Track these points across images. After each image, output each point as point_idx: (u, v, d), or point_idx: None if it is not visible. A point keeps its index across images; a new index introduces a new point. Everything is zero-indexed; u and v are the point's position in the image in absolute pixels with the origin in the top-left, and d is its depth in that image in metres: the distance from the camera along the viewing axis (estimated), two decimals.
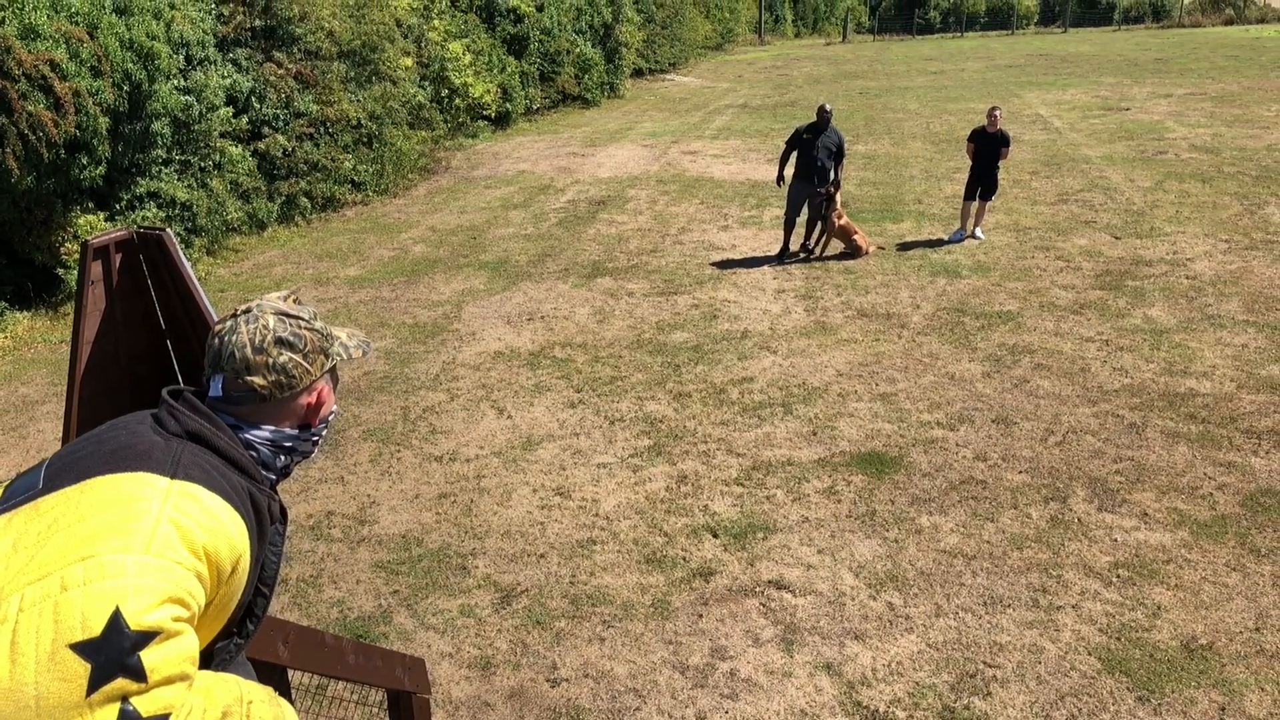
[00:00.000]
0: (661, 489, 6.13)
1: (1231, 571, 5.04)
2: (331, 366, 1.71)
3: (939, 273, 10.12)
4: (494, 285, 10.47)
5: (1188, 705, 4.18)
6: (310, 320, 1.67)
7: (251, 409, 1.60)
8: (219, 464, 1.50)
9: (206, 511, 1.40)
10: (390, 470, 6.54)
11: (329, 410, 1.73)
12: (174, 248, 6.72)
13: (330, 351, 1.70)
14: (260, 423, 1.61)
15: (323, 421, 1.72)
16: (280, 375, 1.60)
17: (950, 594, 4.98)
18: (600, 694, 4.41)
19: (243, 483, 1.51)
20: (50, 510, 1.37)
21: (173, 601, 1.29)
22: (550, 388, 7.73)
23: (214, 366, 1.60)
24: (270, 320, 1.62)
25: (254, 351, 1.58)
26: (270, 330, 1.61)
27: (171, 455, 1.46)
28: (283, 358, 1.60)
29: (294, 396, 1.63)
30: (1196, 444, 6.33)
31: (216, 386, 1.60)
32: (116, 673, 1.21)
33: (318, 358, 1.66)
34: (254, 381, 1.58)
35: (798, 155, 10.40)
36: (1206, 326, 8.28)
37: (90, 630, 1.21)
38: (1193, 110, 19.29)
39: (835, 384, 7.53)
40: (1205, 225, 11.25)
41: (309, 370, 1.64)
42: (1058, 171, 14.47)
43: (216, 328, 1.64)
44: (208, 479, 1.45)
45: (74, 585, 1.25)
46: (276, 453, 1.63)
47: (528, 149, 18.93)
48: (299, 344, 1.62)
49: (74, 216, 10.16)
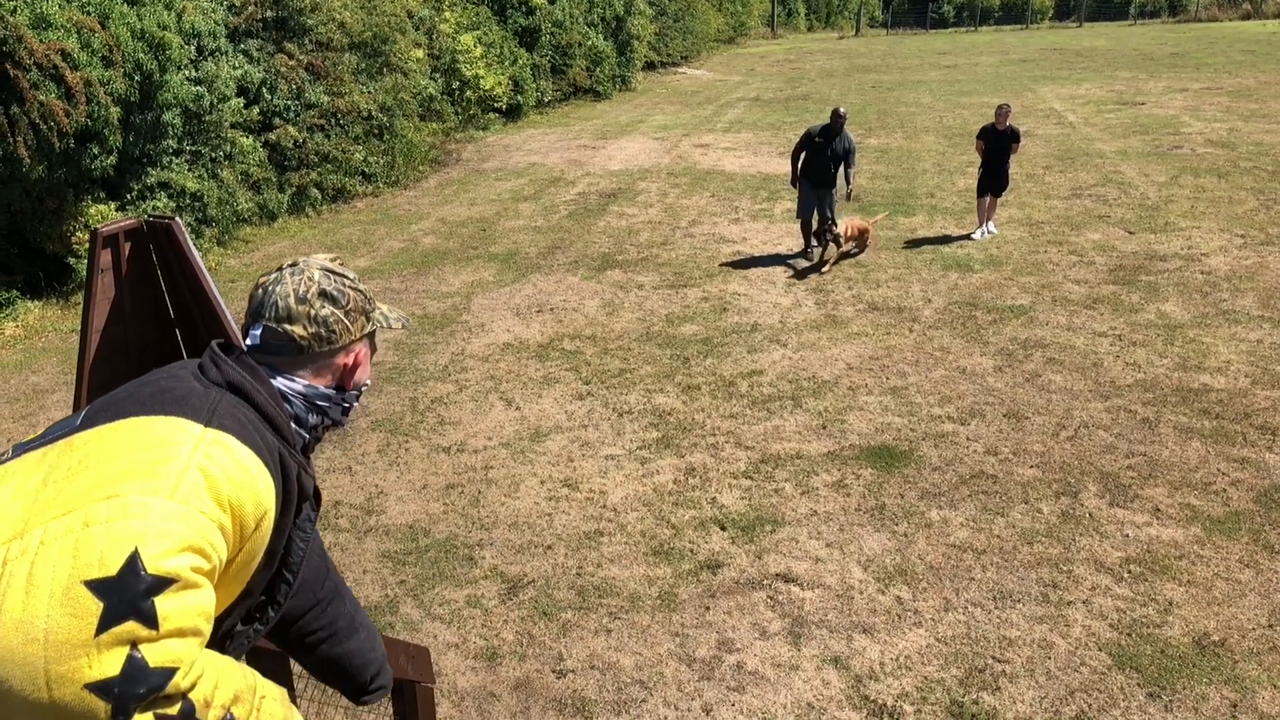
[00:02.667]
0: (669, 481, 6.11)
1: (1244, 568, 4.99)
2: (371, 331, 1.72)
3: (950, 266, 10.06)
4: (503, 277, 10.46)
5: (1199, 702, 4.14)
6: (355, 282, 1.68)
7: (288, 360, 1.60)
8: (255, 419, 1.49)
9: (236, 462, 1.38)
10: (398, 461, 6.53)
11: (364, 377, 1.73)
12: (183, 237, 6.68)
13: (371, 315, 1.70)
14: (295, 375, 1.61)
15: (356, 388, 1.71)
16: (320, 328, 1.60)
17: (959, 588, 4.94)
18: (606, 686, 4.40)
19: (276, 442, 1.50)
20: (83, 446, 1.37)
21: (193, 551, 1.27)
22: (559, 379, 7.71)
23: (254, 316, 1.61)
24: (316, 274, 1.63)
25: (297, 301, 1.59)
26: (315, 282, 1.61)
27: (209, 403, 1.45)
28: (325, 310, 1.60)
29: (332, 353, 1.64)
30: (1210, 440, 6.27)
31: (255, 335, 1.60)
32: (129, 615, 1.19)
33: (359, 318, 1.66)
34: (294, 331, 1.58)
35: (808, 157, 10.29)
36: (1221, 322, 8.20)
37: (107, 568, 1.20)
38: (1209, 105, 19.14)
39: (845, 377, 7.49)
40: (1221, 220, 11.15)
41: (349, 328, 1.64)
42: (1071, 166, 14.37)
43: (261, 279, 1.65)
44: (241, 430, 1.43)
45: (96, 522, 1.23)
46: (309, 409, 1.63)
47: (538, 141, 18.90)
48: (342, 299, 1.63)
49: (85, 206, 10.18)
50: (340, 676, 1.98)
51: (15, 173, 9.25)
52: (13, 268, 10.13)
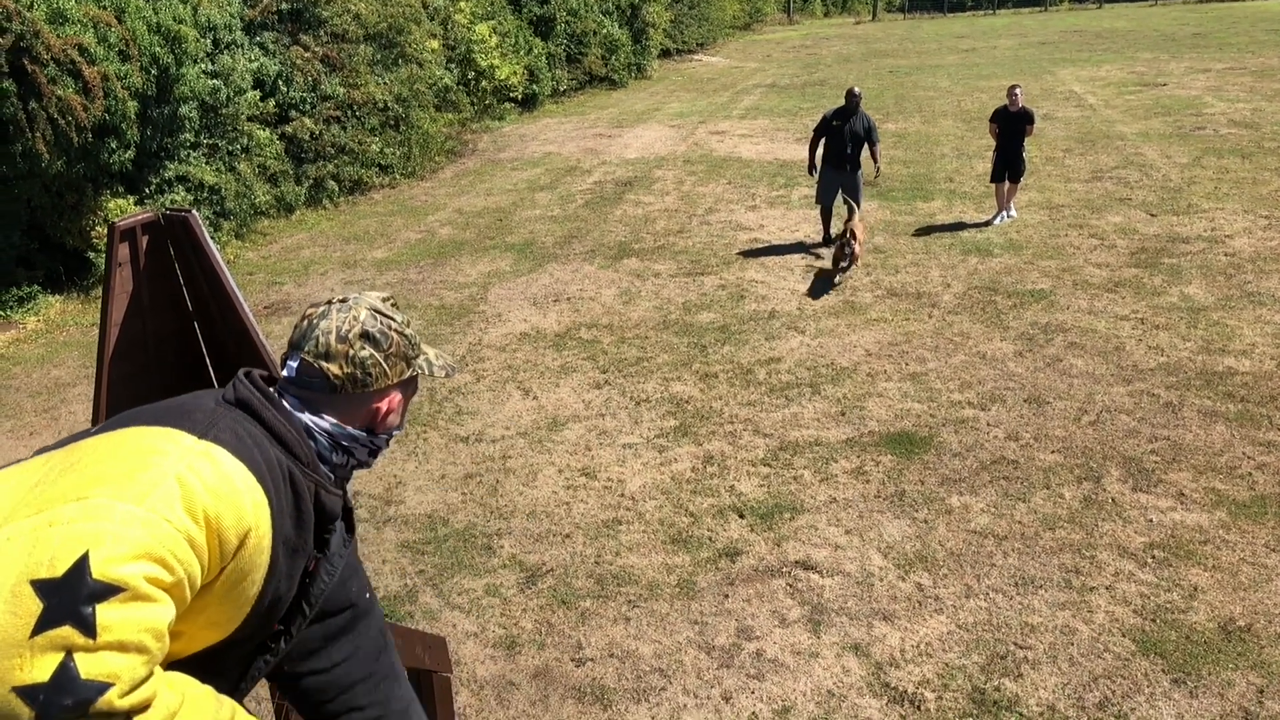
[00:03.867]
0: (687, 469, 6.09)
1: (1271, 552, 4.93)
2: (410, 378, 1.68)
3: (970, 251, 9.97)
4: (520, 267, 10.45)
5: (1225, 688, 4.09)
6: (402, 326, 1.64)
7: (320, 397, 1.57)
8: (260, 435, 1.45)
9: (220, 475, 1.34)
10: (417, 451, 6.54)
11: (395, 422, 1.69)
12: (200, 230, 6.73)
13: (413, 361, 1.66)
14: (324, 413, 1.58)
15: (387, 432, 1.67)
16: (357, 369, 1.57)
17: (981, 575, 4.90)
18: (625, 674, 4.39)
19: (284, 459, 1.46)
20: (80, 451, 1.35)
21: (151, 560, 1.22)
22: (576, 369, 7.70)
23: (295, 347, 1.58)
24: (363, 314, 1.60)
25: (338, 339, 1.56)
26: (359, 322, 1.58)
27: (211, 418, 1.43)
28: (364, 352, 1.57)
29: (365, 397, 1.60)
30: (1235, 423, 6.19)
31: (292, 368, 1.58)
32: (65, 619, 1.15)
33: (399, 363, 1.62)
34: (329, 369, 1.55)
35: (826, 141, 10.22)
36: (1245, 304, 8.10)
37: (54, 569, 1.16)
38: (1232, 85, 18.88)
39: (864, 364, 7.44)
40: (1244, 201, 11.00)
41: (386, 373, 1.60)
42: (1092, 148, 14.21)
43: (309, 310, 1.63)
44: (237, 444, 1.40)
45: (59, 523, 1.20)
46: (334, 448, 1.59)
47: (554, 130, 18.87)
48: (384, 343, 1.60)
49: (104, 200, 10.23)
50: None
51: (34, 168, 9.30)
52: (34, 262, 10.20)
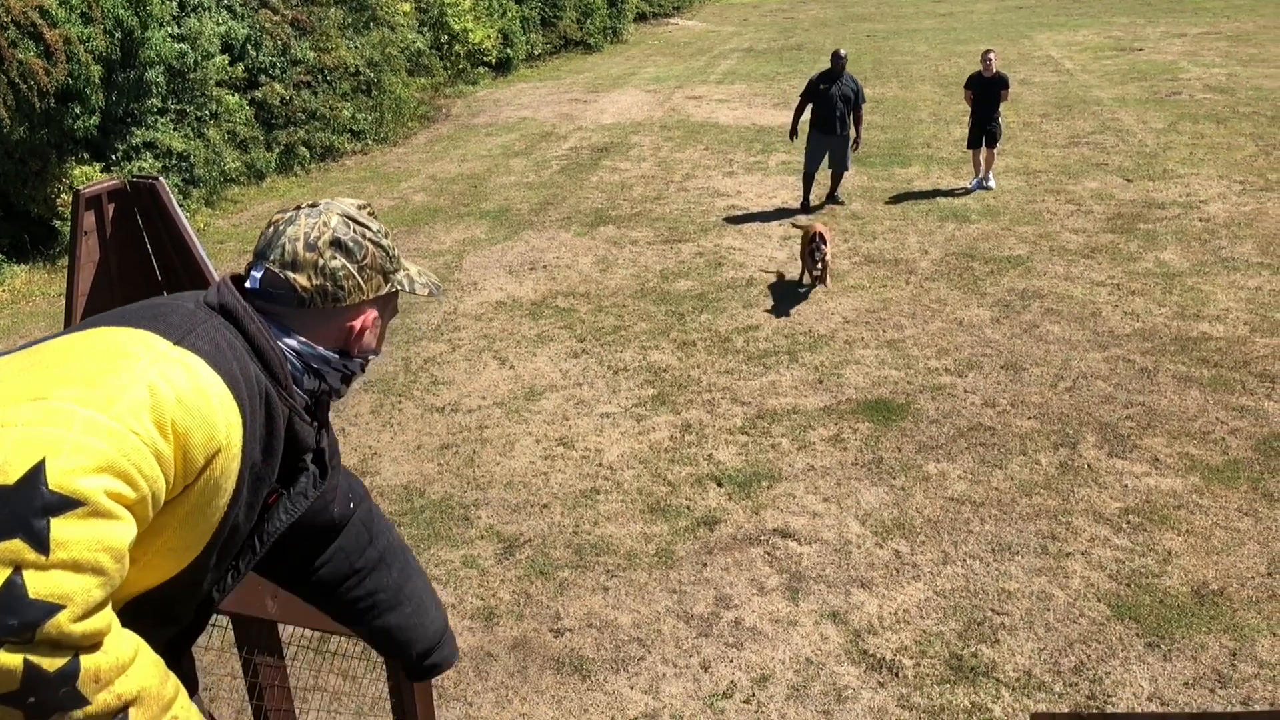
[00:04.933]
0: (665, 438, 6.07)
1: (1243, 516, 4.97)
2: (388, 294, 1.53)
3: (947, 217, 9.95)
4: (495, 234, 10.34)
5: (1198, 651, 4.13)
6: (378, 236, 1.48)
7: (287, 312, 1.42)
8: (240, 346, 1.33)
9: (194, 387, 1.22)
10: (391, 421, 6.48)
11: (372, 344, 1.54)
12: (168, 197, 6.52)
13: (391, 276, 1.51)
14: (293, 330, 1.43)
15: (362, 355, 1.52)
16: (327, 281, 1.42)
17: (958, 541, 4.92)
18: (604, 644, 4.38)
19: (264, 379, 1.34)
20: (43, 350, 1.24)
21: (115, 474, 1.11)
22: (553, 338, 7.64)
23: (259, 256, 1.43)
24: (334, 219, 1.44)
25: (305, 247, 1.41)
26: (330, 229, 1.43)
27: (190, 322, 1.30)
28: (335, 262, 1.42)
29: (337, 312, 1.45)
30: (1209, 388, 6.23)
31: (255, 279, 1.42)
32: (16, 531, 1.05)
33: (374, 276, 1.47)
34: (297, 280, 1.40)
35: (814, 106, 10.13)
36: (1220, 269, 8.13)
37: (5, 475, 1.06)
38: (1207, 50, 18.89)
39: (842, 331, 7.43)
40: (1219, 167, 11.03)
41: (361, 286, 1.45)
42: (1068, 114, 14.20)
43: (275, 216, 1.48)
44: (216, 355, 1.28)
45: (13, 424, 1.10)
46: (303, 370, 1.45)
47: (529, 95, 18.64)
48: (357, 252, 1.44)
49: (69, 167, 10.02)
50: (388, 651, 1.88)
51: None
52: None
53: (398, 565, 1.81)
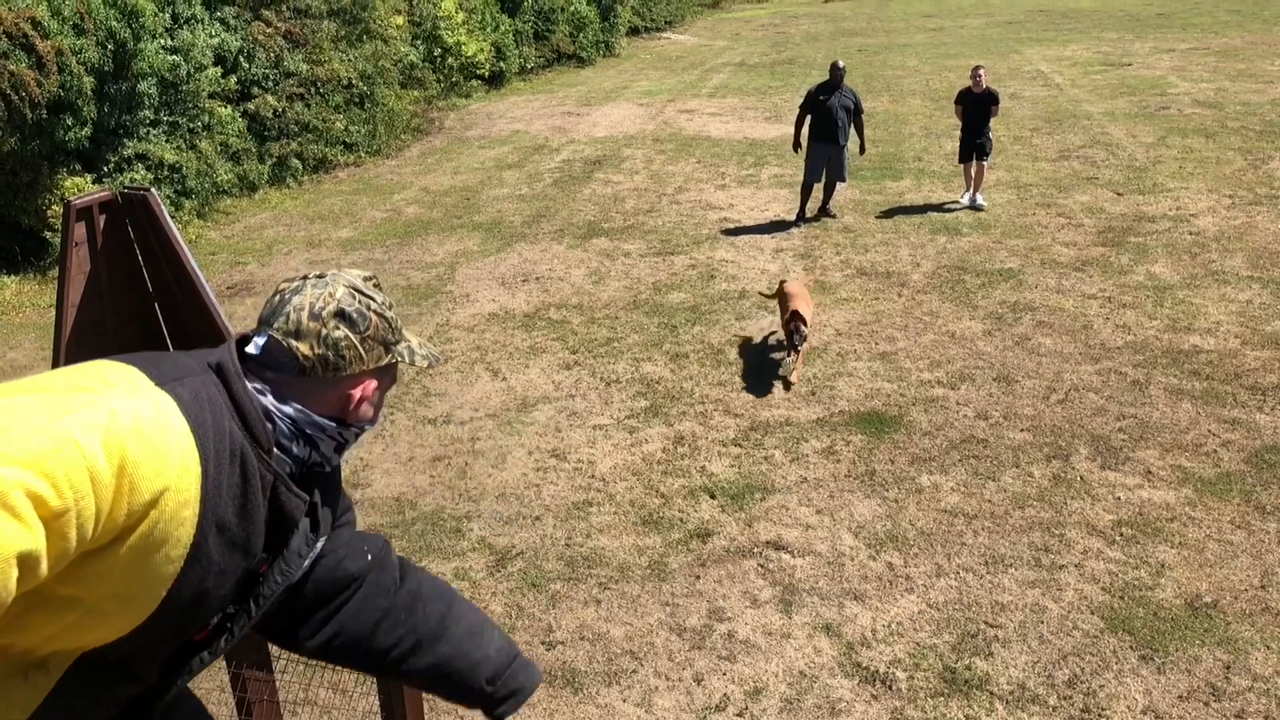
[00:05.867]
0: (658, 450, 6.05)
1: (1236, 529, 4.97)
2: (388, 366, 1.52)
3: (939, 230, 9.98)
4: (488, 246, 10.34)
5: (1192, 664, 4.12)
6: (382, 308, 1.49)
7: (287, 380, 1.43)
8: (222, 404, 1.33)
9: (156, 423, 1.21)
10: (383, 433, 6.45)
11: (368, 414, 1.53)
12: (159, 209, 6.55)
13: (393, 348, 1.51)
14: (291, 397, 1.43)
15: (357, 424, 1.52)
16: (329, 351, 1.42)
17: (951, 554, 4.91)
18: (596, 656, 4.36)
19: (240, 436, 1.33)
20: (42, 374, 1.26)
21: (42, 475, 1.09)
22: (545, 349, 7.63)
23: (264, 323, 1.44)
24: (340, 290, 1.45)
25: (310, 317, 1.42)
26: (336, 300, 1.44)
27: (178, 371, 1.31)
28: (339, 333, 1.43)
29: (338, 382, 1.46)
30: (1201, 401, 6.24)
31: (259, 344, 1.43)
32: None
33: (376, 348, 1.48)
34: (299, 348, 1.41)
35: (812, 117, 10.18)
36: (1210, 283, 8.16)
37: None
38: (1196, 65, 19.03)
39: (834, 343, 7.43)
40: (1209, 181, 11.09)
41: (362, 357, 1.46)
42: (1059, 128, 14.27)
43: (282, 285, 1.49)
44: (192, 403, 1.28)
45: None
46: (295, 437, 1.44)
47: (522, 109, 18.68)
48: (361, 324, 1.45)
49: (60, 179, 10.00)
50: (454, 688, 1.72)
51: None
52: None
53: (437, 597, 1.72)
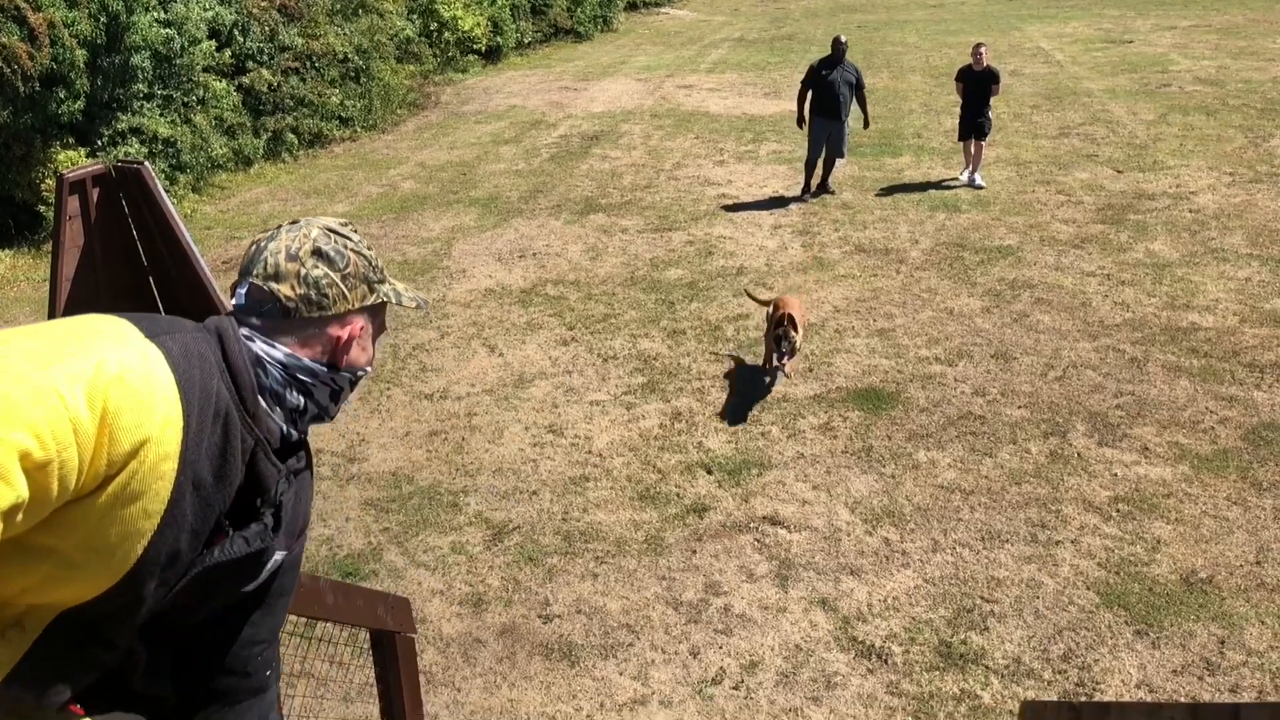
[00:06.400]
0: (655, 426, 6.04)
1: (1232, 505, 4.98)
2: (374, 305, 1.51)
3: (938, 207, 9.94)
4: (485, 222, 10.29)
5: (1186, 638, 4.13)
6: (359, 246, 1.49)
7: (273, 325, 1.41)
8: (214, 362, 1.30)
9: (143, 376, 1.19)
10: (380, 408, 6.44)
11: (363, 359, 1.51)
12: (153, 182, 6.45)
13: (376, 286, 1.50)
14: (279, 343, 1.41)
15: (351, 370, 1.49)
16: (310, 289, 1.41)
17: (947, 529, 4.92)
18: (593, 630, 4.36)
19: (228, 399, 1.30)
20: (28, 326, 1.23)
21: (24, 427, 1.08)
22: (542, 325, 7.60)
23: (243, 273, 1.42)
24: (314, 232, 1.45)
25: (287, 258, 1.41)
26: (311, 240, 1.43)
27: (172, 327, 1.29)
28: (318, 270, 1.42)
29: (324, 322, 1.43)
30: (1198, 378, 6.24)
31: (240, 294, 1.41)
32: None
33: (358, 285, 1.46)
34: (280, 291, 1.39)
35: (814, 92, 10.11)
36: (1209, 260, 8.14)
37: None
38: (1197, 43, 18.92)
39: (832, 320, 7.41)
40: (1209, 158, 11.05)
41: (345, 294, 1.44)
42: (1059, 105, 14.20)
43: (257, 236, 1.47)
44: (181, 357, 1.25)
45: None
46: (288, 384, 1.41)
47: (519, 84, 18.55)
48: (339, 261, 1.44)
49: (54, 152, 9.93)
50: None
51: None
52: None
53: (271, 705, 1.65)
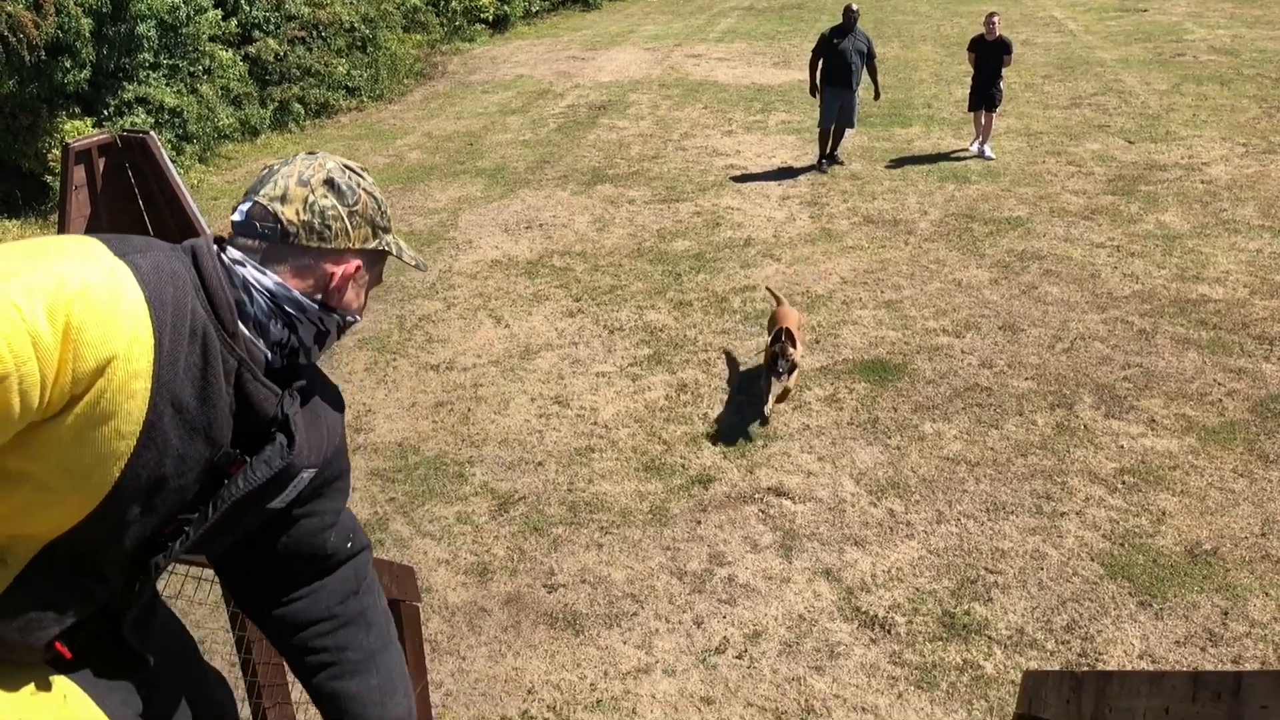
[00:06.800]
0: (661, 397, 6.04)
1: (1239, 477, 4.97)
2: (375, 251, 1.46)
3: (947, 178, 9.87)
4: (491, 193, 10.25)
5: (1190, 610, 4.14)
6: (372, 188, 1.45)
7: (269, 248, 1.36)
8: (188, 280, 1.27)
9: (108, 289, 1.16)
10: (386, 379, 6.45)
11: (355, 303, 1.47)
12: (159, 152, 6.39)
13: (380, 234, 1.46)
14: (271, 270, 1.37)
15: (340, 312, 1.44)
16: (315, 218, 1.37)
17: (952, 500, 4.92)
18: (598, 599, 4.39)
19: (204, 316, 1.27)
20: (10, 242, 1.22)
21: None
22: (549, 297, 7.59)
23: (249, 191, 1.39)
24: (330, 163, 1.41)
25: (298, 183, 1.37)
26: (325, 170, 1.40)
27: (144, 246, 1.25)
28: (326, 200, 1.38)
29: (321, 255, 1.39)
30: (1207, 350, 6.21)
31: (242, 210, 1.37)
32: None
33: (363, 225, 1.42)
34: (284, 212, 1.35)
35: (825, 61, 10.01)
36: (1221, 232, 8.08)
37: None
38: (1212, 11, 18.66)
39: (839, 291, 7.38)
40: (1222, 129, 10.93)
41: (348, 231, 1.40)
42: (1071, 75, 14.05)
43: (271, 162, 1.44)
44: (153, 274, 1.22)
45: None
46: (273, 314, 1.36)
47: (526, 53, 18.43)
48: (349, 196, 1.40)
49: (60, 122, 9.90)
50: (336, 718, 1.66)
51: None
52: None
53: (378, 631, 1.67)
